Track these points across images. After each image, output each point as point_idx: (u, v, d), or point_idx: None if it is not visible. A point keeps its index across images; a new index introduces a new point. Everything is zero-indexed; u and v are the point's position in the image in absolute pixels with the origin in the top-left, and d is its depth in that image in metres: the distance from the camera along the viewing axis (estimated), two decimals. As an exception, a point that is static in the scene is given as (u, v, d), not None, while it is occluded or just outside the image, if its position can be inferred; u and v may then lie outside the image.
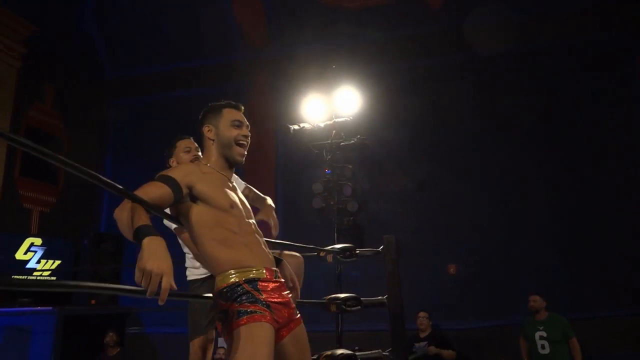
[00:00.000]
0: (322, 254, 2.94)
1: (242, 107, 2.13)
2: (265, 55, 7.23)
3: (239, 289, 1.73)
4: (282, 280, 1.92)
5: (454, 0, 7.05)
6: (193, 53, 8.17)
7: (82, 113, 8.78)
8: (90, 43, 8.96)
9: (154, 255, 1.47)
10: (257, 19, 7.11)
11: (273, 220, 2.58)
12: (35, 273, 7.24)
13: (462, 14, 6.89)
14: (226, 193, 1.90)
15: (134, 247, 1.54)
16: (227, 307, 1.72)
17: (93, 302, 7.18)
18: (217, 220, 1.83)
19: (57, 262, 7.30)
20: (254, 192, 2.81)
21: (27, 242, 7.01)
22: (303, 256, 2.59)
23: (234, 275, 1.75)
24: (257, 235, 1.93)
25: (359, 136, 6.11)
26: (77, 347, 5.86)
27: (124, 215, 1.63)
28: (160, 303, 1.50)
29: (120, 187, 1.66)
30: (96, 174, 1.58)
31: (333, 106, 6.22)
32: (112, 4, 8.37)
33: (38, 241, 7.14)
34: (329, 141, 6.20)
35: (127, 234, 1.61)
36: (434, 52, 6.91)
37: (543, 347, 5.48)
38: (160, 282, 1.45)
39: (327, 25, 6.67)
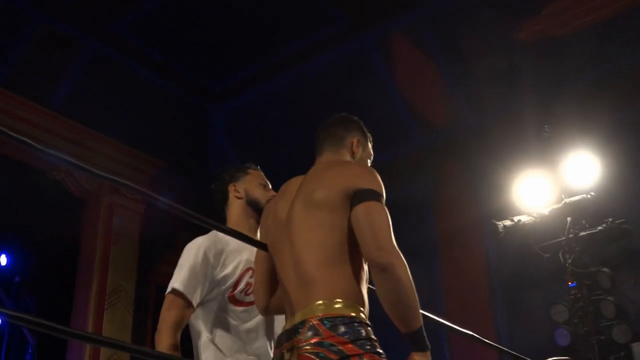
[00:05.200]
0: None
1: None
2: (449, 135, 5.33)
3: None
4: None
5: None
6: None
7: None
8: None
9: None
10: (434, 93, 5.52)
11: None
12: None
13: None
14: None
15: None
16: None
17: None
18: None
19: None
20: None
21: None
22: None
23: None
24: None
25: (610, 219, 4.10)
26: None
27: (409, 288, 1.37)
28: None
29: None
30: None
31: (560, 183, 4.30)
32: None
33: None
34: (564, 237, 4.19)
35: (409, 316, 1.33)
36: None
37: None
38: None
39: (538, 74, 4.73)
